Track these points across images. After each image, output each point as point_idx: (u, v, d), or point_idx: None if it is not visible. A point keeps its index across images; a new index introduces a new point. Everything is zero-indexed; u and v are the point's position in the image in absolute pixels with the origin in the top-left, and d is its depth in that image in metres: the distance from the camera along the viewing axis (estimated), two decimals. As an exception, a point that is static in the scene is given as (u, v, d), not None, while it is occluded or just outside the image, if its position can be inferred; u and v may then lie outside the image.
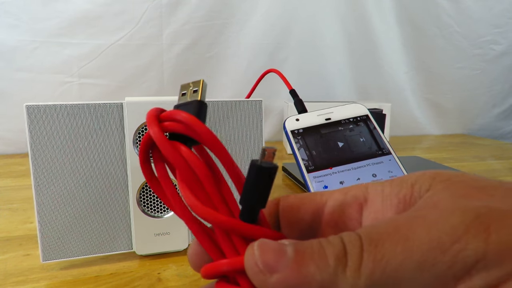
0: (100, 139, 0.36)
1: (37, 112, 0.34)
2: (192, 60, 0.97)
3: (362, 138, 0.29)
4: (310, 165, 0.29)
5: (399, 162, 0.28)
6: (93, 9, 0.87)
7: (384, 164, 0.28)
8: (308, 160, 0.29)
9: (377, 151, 0.28)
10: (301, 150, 0.30)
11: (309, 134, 0.30)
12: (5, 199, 0.58)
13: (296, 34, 1.04)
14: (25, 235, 0.45)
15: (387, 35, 1.11)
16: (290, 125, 0.32)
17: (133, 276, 0.36)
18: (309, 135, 0.30)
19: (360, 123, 0.30)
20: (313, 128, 0.30)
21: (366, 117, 0.30)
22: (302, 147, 0.30)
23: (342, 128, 0.30)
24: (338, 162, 0.28)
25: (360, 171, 0.28)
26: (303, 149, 0.30)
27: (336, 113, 0.30)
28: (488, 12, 1.17)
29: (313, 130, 0.30)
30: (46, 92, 0.88)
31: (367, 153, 0.28)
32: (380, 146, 0.29)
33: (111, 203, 0.37)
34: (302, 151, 0.30)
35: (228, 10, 0.97)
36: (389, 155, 0.28)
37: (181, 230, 0.39)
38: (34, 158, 0.35)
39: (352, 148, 0.29)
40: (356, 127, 0.30)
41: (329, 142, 0.29)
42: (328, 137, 0.30)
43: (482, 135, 1.26)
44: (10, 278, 0.35)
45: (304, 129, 0.31)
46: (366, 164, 0.28)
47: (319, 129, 0.30)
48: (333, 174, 0.28)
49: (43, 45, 0.86)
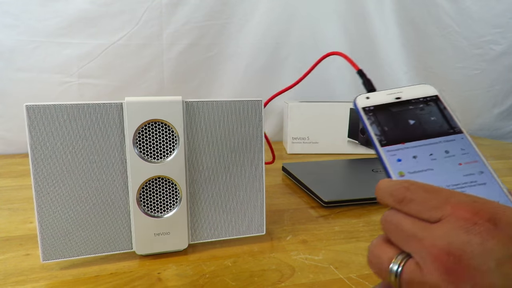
0: (100, 139, 0.36)
1: (37, 112, 0.34)
2: (192, 60, 0.97)
3: (432, 117, 0.30)
4: (383, 140, 0.30)
5: (472, 141, 0.29)
6: (93, 9, 0.87)
7: (456, 142, 0.29)
8: (381, 135, 0.30)
9: (449, 130, 0.29)
10: (373, 125, 0.30)
11: (379, 111, 0.31)
12: (5, 199, 0.58)
13: (296, 34, 1.04)
14: (25, 235, 0.45)
15: (387, 35, 1.11)
16: (361, 102, 0.32)
17: (133, 276, 0.36)
18: (380, 112, 0.31)
19: (430, 102, 0.31)
20: (383, 106, 0.32)
21: (436, 97, 0.31)
22: (374, 123, 0.31)
23: (412, 107, 0.31)
24: (410, 138, 0.29)
25: (432, 147, 0.28)
26: (375, 125, 0.30)
27: (405, 93, 0.31)
28: (488, 12, 1.17)
29: (383, 108, 0.31)
30: (46, 92, 0.88)
31: (438, 131, 0.29)
32: (452, 125, 0.30)
33: (111, 203, 0.37)
34: (374, 127, 0.30)
35: (228, 10, 0.97)
36: (461, 134, 0.29)
37: (181, 230, 0.39)
38: (34, 158, 0.35)
39: (423, 126, 0.30)
40: (426, 106, 0.31)
41: (400, 119, 0.30)
42: (399, 114, 0.31)
43: (482, 135, 1.26)
44: (10, 278, 0.35)
45: (374, 106, 0.32)
46: (438, 141, 0.29)
47: (389, 108, 0.31)
48: (406, 149, 0.28)
49: (43, 45, 0.86)
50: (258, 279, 0.36)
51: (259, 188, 0.42)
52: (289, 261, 0.39)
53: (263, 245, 0.43)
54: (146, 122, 0.37)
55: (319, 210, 0.54)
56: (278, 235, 0.45)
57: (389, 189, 0.25)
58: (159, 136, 0.38)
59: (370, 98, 0.33)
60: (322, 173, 0.67)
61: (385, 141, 0.29)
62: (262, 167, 0.42)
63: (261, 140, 0.41)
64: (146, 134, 0.37)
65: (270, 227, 0.47)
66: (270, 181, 0.67)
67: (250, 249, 0.42)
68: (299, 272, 0.37)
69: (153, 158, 0.38)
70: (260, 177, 0.42)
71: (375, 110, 0.32)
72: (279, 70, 1.05)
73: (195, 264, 0.38)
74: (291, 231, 0.46)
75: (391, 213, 0.24)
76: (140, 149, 0.37)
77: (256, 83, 1.04)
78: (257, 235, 0.43)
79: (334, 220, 0.50)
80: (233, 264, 0.38)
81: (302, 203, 0.56)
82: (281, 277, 0.36)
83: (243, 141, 0.41)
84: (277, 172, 0.74)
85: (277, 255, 0.40)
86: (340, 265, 0.38)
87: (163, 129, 0.38)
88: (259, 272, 0.37)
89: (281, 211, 0.53)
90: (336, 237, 0.45)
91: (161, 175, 0.38)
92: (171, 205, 0.39)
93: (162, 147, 0.38)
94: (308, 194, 0.60)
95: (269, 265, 0.38)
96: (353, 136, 0.91)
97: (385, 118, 0.31)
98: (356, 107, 0.33)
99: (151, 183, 0.38)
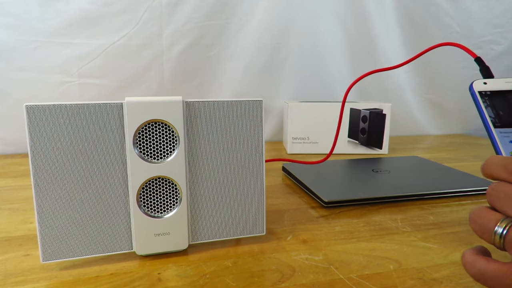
0: (100, 139, 0.36)
1: (37, 112, 0.34)
2: (192, 60, 0.97)
3: None
4: (496, 122, 0.32)
5: None
6: (93, 9, 0.87)
7: None
8: (495, 117, 0.33)
9: None
10: (488, 108, 0.33)
11: (496, 97, 0.34)
12: (5, 199, 0.58)
13: (296, 34, 1.04)
14: (25, 235, 0.45)
15: (387, 35, 1.11)
16: (478, 86, 0.35)
17: (133, 276, 0.36)
18: (496, 97, 0.34)
19: None
20: (500, 92, 0.34)
21: None
22: (489, 106, 0.33)
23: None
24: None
25: None
26: (489, 108, 0.33)
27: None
28: (488, 12, 1.17)
29: (500, 94, 0.34)
30: (46, 92, 0.88)
31: None
32: None
33: (111, 203, 0.37)
34: (489, 110, 0.33)
35: (228, 10, 0.97)
36: None
37: (181, 230, 0.39)
38: (34, 158, 0.35)
39: None
40: None
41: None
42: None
43: (482, 135, 1.26)
44: (10, 278, 0.35)
45: (491, 91, 0.34)
46: None
47: (506, 94, 0.34)
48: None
49: (43, 45, 0.86)
50: (259, 279, 0.36)
51: (260, 188, 0.42)
52: (290, 261, 0.39)
53: (263, 246, 0.42)
54: (146, 122, 0.37)
55: (320, 210, 0.54)
56: (278, 235, 0.45)
57: (502, 163, 0.28)
58: (159, 136, 0.38)
59: (487, 84, 0.35)
60: (322, 173, 0.67)
61: (498, 123, 0.32)
62: (262, 167, 0.42)
63: (261, 140, 0.41)
64: (146, 134, 0.37)
65: (270, 227, 0.47)
66: (270, 181, 0.67)
67: (250, 250, 0.42)
68: (300, 273, 0.37)
69: (153, 158, 0.38)
70: (260, 177, 0.42)
71: (492, 95, 0.34)
72: (279, 70, 1.05)
73: (195, 264, 0.38)
74: (291, 231, 0.46)
75: (501, 184, 0.28)
76: (140, 149, 0.37)
77: (256, 83, 1.04)
78: (258, 235, 0.43)
79: (335, 220, 0.50)
80: (234, 264, 0.38)
81: (302, 203, 0.56)
82: (282, 277, 0.36)
83: (243, 141, 0.41)
84: (277, 172, 0.74)
85: (277, 255, 0.40)
86: (341, 265, 0.38)
87: (163, 129, 0.38)
88: (259, 273, 0.37)
89: (281, 211, 0.53)
90: (336, 237, 0.45)
91: (161, 175, 0.38)
92: (171, 205, 0.39)
93: (162, 147, 0.38)
94: (308, 194, 0.60)
95: (269, 265, 0.38)
96: (353, 136, 0.91)
97: (501, 103, 0.33)
98: (472, 90, 0.35)
99: (151, 183, 0.38)
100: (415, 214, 0.52)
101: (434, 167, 0.72)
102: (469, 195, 0.59)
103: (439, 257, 0.40)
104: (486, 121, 0.33)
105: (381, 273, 0.37)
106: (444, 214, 0.52)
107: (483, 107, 0.33)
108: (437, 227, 0.48)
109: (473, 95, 0.35)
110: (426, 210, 0.53)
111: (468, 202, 0.57)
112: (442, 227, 0.48)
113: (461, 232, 0.46)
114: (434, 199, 0.58)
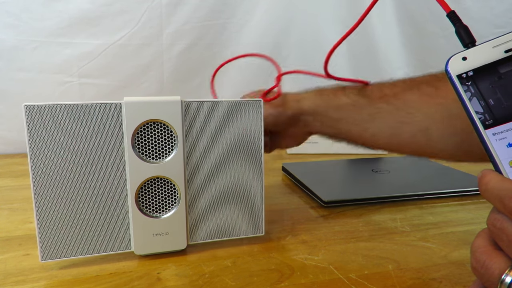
0: (98, 139, 0.36)
1: (37, 112, 0.34)
2: (192, 60, 0.97)
3: None
4: (487, 119, 0.22)
5: None
6: (93, 9, 0.87)
7: None
8: (484, 112, 0.22)
9: None
10: (473, 100, 0.23)
11: (482, 77, 0.23)
12: (5, 199, 0.58)
13: (296, 34, 1.04)
14: (25, 235, 0.45)
15: (387, 35, 1.11)
16: (456, 66, 0.24)
17: (132, 275, 0.36)
18: (483, 78, 0.23)
19: None
20: (487, 67, 0.23)
21: None
22: (475, 95, 0.23)
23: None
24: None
25: None
26: (475, 99, 0.23)
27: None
28: (489, 12, 1.17)
29: (487, 70, 0.23)
30: (46, 92, 0.88)
31: None
32: None
33: (109, 203, 0.37)
34: (475, 101, 0.23)
35: (228, 10, 0.97)
36: None
37: (180, 231, 0.39)
38: (33, 157, 0.35)
39: None
40: None
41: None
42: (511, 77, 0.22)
43: (482, 135, 1.26)
44: (10, 278, 0.35)
45: (475, 70, 0.23)
46: None
47: (497, 68, 0.23)
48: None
49: (43, 45, 0.86)
50: (258, 279, 0.36)
51: (259, 188, 0.42)
52: (289, 261, 0.39)
53: (263, 245, 0.42)
54: (145, 122, 0.37)
55: (319, 210, 0.54)
56: (277, 235, 0.45)
57: (498, 193, 0.21)
58: (157, 136, 0.38)
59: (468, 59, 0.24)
60: (322, 173, 0.67)
61: (490, 120, 0.22)
62: (261, 167, 0.42)
63: (261, 140, 0.41)
64: (144, 134, 0.37)
65: (269, 227, 0.47)
66: (270, 181, 0.67)
67: (250, 249, 0.42)
68: (299, 272, 0.37)
69: (152, 158, 0.38)
70: (259, 177, 0.42)
71: (476, 76, 0.23)
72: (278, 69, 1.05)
73: (194, 264, 0.38)
74: (291, 231, 0.46)
75: (501, 219, 0.22)
76: (139, 149, 0.37)
77: (256, 83, 1.04)
78: (257, 235, 0.43)
79: (334, 220, 0.50)
80: (233, 264, 0.38)
81: (302, 203, 0.56)
82: (281, 277, 0.36)
83: (243, 141, 0.41)
84: (277, 172, 0.74)
85: (277, 255, 0.40)
86: (340, 265, 0.38)
87: (161, 129, 0.38)
88: (259, 272, 0.37)
89: (281, 211, 0.53)
90: (335, 237, 0.45)
91: (159, 175, 0.38)
92: (169, 205, 0.39)
93: (160, 147, 0.38)
94: (308, 194, 0.60)
95: (269, 265, 0.38)
96: (353, 136, 0.91)
97: (491, 85, 0.23)
98: (449, 75, 0.24)
99: (149, 183, 0.38)
100: (414, 214, 0.52)
101: (434, 167, 0.72)
102: (469, 195, 0.59)
103: (438, 256, 0.40)
104: (473, 121, 0.23)
105: (380, 272, 0.37)
106: (443, 214, 0.52)
107: (466, 100, 0.23)
108: (436, 227, 0.48)
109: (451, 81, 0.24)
110: (425, 210, 0.53)
111: (468, 202, 0.57)
112: (441, 227, 0.48)
113: (460, 232, 0.46)
114: (434, 199, 0.58)
